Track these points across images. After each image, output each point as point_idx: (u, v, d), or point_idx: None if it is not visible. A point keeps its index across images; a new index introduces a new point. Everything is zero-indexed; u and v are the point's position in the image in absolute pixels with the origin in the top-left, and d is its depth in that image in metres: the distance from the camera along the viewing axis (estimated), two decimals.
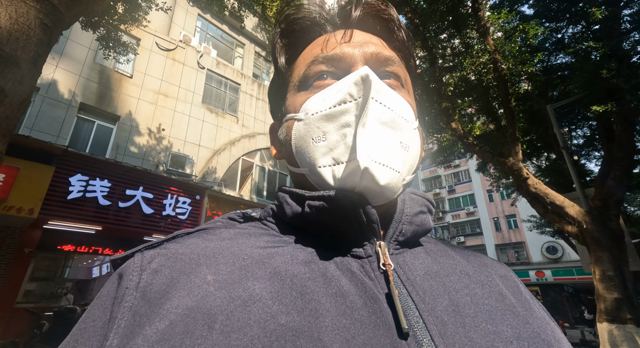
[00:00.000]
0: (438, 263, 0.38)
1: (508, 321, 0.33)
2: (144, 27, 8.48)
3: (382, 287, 0.32)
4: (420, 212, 0.40)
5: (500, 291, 0.37)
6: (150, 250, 0.34)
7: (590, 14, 5.29)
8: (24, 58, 2.00)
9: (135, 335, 0.25)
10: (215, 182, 9.19)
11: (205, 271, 0.30)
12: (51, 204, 5.97)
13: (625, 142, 5.19)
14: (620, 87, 4.91)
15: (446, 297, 0.33)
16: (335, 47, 0.41)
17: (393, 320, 0.29)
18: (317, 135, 0.37)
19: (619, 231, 5.00)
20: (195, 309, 0.26)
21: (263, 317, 0.27)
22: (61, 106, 7.27)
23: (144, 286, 0.29)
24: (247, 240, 0.36)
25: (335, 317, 0.28)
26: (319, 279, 0.31)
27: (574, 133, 10.17)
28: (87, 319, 0.30)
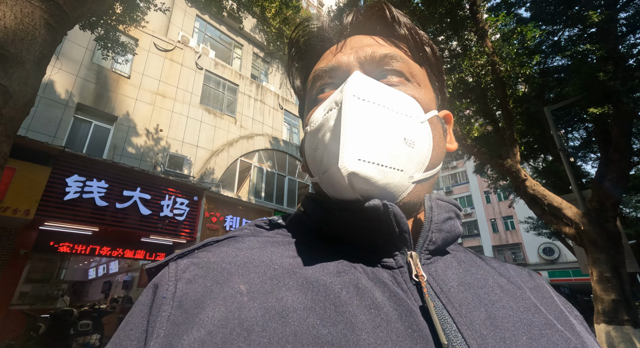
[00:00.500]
0: (470, 273, 0.37)
1: (547, 336, 0.31)
2: (142, 28, 8.45)
3: (415, 299, 0.31)
4: (448, 218, 0.39)
5: (535, 304, 0.35)
6: (184, 259, 0.34)
7: (586, 17, 5.34)
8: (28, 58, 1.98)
9: (175, 344, 0.26)
10: (213, 183, 9.16)
11: (238, 281, 0.30)
12: (47, 205, 5.92)
13: (622, 144, 5.23)
14: (617, 90, 4.95)
15: (483, 310, 0.32)
16: (331, 58, 0.42)
17: (430, 334, 0.28)
18: (315, 145, 0.39)
19: (616, 233, 5.03)
20: (231, 320, 0.27)
21: (299, 329, 0.26)
22: (58, 106, 7.22)
23: (180, 296, 0.29)
24: (277, 249, 0.36)
25: (371, 330, 0.27)
26: (351, 290, 0.31)
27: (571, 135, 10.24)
28: (126, 328, 0.30)
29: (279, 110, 12.87)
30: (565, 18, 6.58)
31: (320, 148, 0.37)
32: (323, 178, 0.37)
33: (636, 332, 4.45)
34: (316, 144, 0.38)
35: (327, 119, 0.37)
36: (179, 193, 7.81)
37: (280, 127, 12.66)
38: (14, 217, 5.51)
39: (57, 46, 2.38)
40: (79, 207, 6.29)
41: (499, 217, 25.63)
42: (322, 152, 0.37)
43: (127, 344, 0.29)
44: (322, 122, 0.38)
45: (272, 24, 11.58)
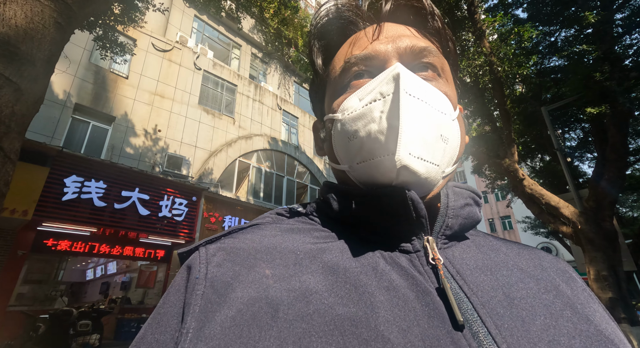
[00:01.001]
0: (488, 257, 0.38)
1: (567, 316, 0.32)
2: (140, 28, 8.45)
3: (432, 281, 0.32)
4: (466, 205, 0.40)
5: (557, 286, 0.36)
6: (212, 244, 0.37)
7: (583, 17, 5.38)
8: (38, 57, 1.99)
9: (209, 319, 0.28)
10: (212, 184, 9.16)
11: (263, 265, 0.33)
12: (46, 206, 5.90)
13: (619, 144, 5.27)
14: (613, 90, 5.00)
15: (500, 291, 0.33)
16: (367, 45, 0.41)
17: (446, 313, 0.29)
18: (351, 134, 0.38)
19: (613, 232, 5.07)
20: (259, 299, 0.29)
21: (321, 307, 0.28)
22: (56, 106, 7.20)
23: (211, 277, 0.32)
24: (298, 236, 0.38)
25: (389, 309, 0.28)
26: (370, 273, 0.32)
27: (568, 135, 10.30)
28: (165, 305, 0.33)
29: (278, 111, 12.88)
30: (562, 19, 6.62)
31: (359, 137, 0.37)
32: (358, 167, 0.38)
33: (633, 330, 4.48)
34: (353, 133, 0.38)
35: (371, 109, 0.36)
36: (178, 194, 7.80)
37: (279, 127, 12.66)
38: (11, 218, 5.48)
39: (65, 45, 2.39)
40: (77, 207, 6.28)
41: (497, 216, 25.71)
42: (364, 141, 0.36)
43: (167, 319, 0.31)
44: (363, 112, 0.37)
45: (270, 25, 11.58)
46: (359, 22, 0.44)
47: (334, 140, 0.42)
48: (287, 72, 14.38)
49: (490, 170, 9.34)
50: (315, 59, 0.48)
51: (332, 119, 0.42)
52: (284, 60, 13.98)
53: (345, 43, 0.45)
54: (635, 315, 4.77)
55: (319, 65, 0.47)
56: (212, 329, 0.27)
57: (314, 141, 0.52)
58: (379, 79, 0.37)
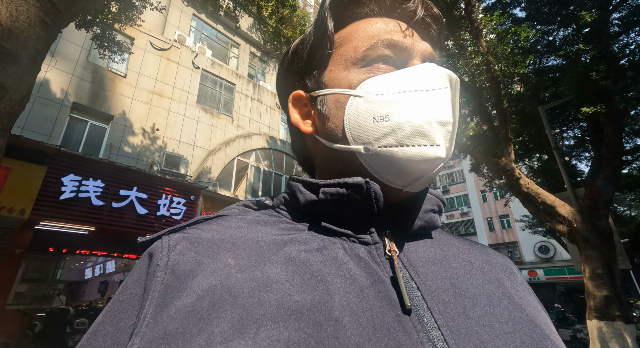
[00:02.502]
0: (441, 251, 0.40)
1: (504, 305, 0.35)
2: (138, 27, 8.44)
3: (387, 271, 0.34)
4: (431, 210, 0.42)
5: (498, 279, 0.39)
6: (175, 233, 0.37)
7: (580, 17, 5.39)
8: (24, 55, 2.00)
9: (168, 304, 0.29)
10: (210, 183, 9.16)
11: (226, 255, 0.33)
12: (43, 204, 5.89)
13: (614, 143, 5.29)
14: (609, 89, 5.02)
15: (447, 281, 0.35)
16: (397, 36, 0.41)
17: (397, 299, 0.31)
18: (381, 115, 0.37)
19: (608, 230, 5.10)
20: (220, 287, 0.29)
21: (281, 295, 0.29)
22: (53, 105, 7.19)
23: (172, 264, 0.32)
24: (263, 228, 0.38)
25: (345, 295, 0.30)
26: (329, 263, 0.33)
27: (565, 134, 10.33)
28: (125, 292, 0.33)
29: (276, 110, 12.88)
30: (559, 18, 6.63)
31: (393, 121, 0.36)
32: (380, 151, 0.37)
33: (627, 328, 4.51)
34: (383, 115, 0.37)
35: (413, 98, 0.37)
36: (176, 193, 7.80)
37: (278, 126, 12.67)
38: (9, 217, 5.48)
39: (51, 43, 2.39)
40: (75, 206, 6.28)
41: (495, 215, 25.78)
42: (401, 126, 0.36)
43: (126, 306, 0.32)
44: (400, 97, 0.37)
45: (268, 23, 11.57)
46: (374, 8, 0.44)
47: (347, 117, 0.39)
48: None
49: (488, 169, 9.37)
50: (328, 22, 0.44)
51: (347, 93, 0.40)
52: None
53: (362, 22, 0.44)
54: (630, 313, 4.80)
55: (330, 30, 0.44)
56: (170, 314, 0.28)
57: (294, 113, 0.46)
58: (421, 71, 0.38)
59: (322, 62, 0.44)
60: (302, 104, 0.46)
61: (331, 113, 0.41)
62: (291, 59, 0.49)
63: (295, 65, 0.48)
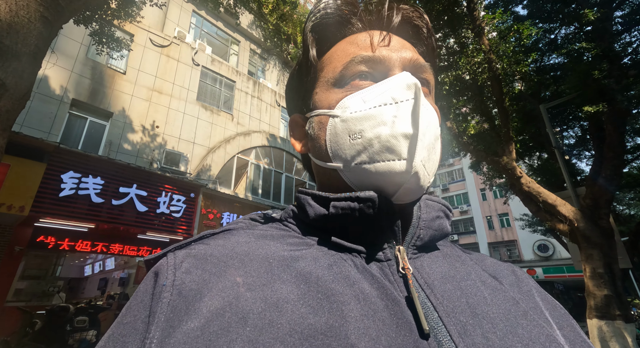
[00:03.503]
0: (454, 268, 0.39)
1: (523, 325, 0.33)
2: (138, 23, 8.36)
3: (401, 290, 0.33)
4: (437, 217, 0.41)
5: (513, 296, 0.37)
6: (181, 250, 0.36)
7: (582, 15, 5.36)
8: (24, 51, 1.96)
9: (175, 328, 0.27)
10: (210, 180, 9.14)
11: (234, 273, 0.32)
12: (43, 202, 5.88)
13: (616, 142, 5.28)
14: (612, 88, 4.99)
15: (463, 300, 0.34)
16: (374, 49, 0.41)
17: (414, 322, 0.30)
18: (354, 133, 0.38)
19: (609, 229, 5.09)
20: (229, 309, 0.28)
21: (292, 317, 0.28)
22: (53, 102, 7.15)
23: (179, 284, 0.31)
24: (272, 243, 0.37)
25: (359, 318, 0.29)
26: (342, 282, 0.32)
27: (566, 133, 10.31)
28: (129, 314, 0.32)
29: (276, 107, 12.84)
30: (561, 16, 6.60)
31: (365, 138, 0.37)
32: (357, 168, 0.37)
33: (627, 327, 4.52)
34: (357, 132, 0.37)
35: (381, 112, 0.37)
36: (176, 190, 7.79)
37: (278, 124, 12.63)
38: (8, 214, 5.47)
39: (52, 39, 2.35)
40: (74, 203, 6.26)
41: (495, 214, 25.80)
42: (371, 143, 0.36)
43: (130, 329, 0.30)
44: (371, 113, 0.37)
45: (269, 21, 11.51)
46: (357, 24, 0.45)
47: (328, 137, 0.41)
48: (286, 69, 14.32)
49: (488, 168, 9.36)
50: (311, 49, 0.46)
51: (327, 114, 0.41)
52: (283, 57, 13.91)
53: (344, 41, 0.44)
54: (630, 312, 4.80)
55: (312, 56, 0.46)
56: (178, 339, 0.26)
57: (291, 135, 0.50)
58: (391, 84, 0.38)
59: (310, 85, 0.47)
60: (299, 126, 0.49)
61: (316, 133, 0.43)
62: (289, 83, 0.53)
63: (292, 89, 0.52)
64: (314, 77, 0.46)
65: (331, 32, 0.46)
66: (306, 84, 0.47)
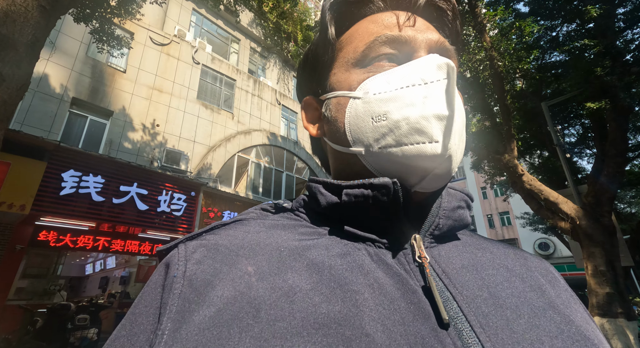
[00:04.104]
0: (475, 256, 0.38)
1: (550, 316, 0.32)
2: (138, 21, 8.34)
3: (418, 280, 0.32)
4: (458, 207, 0.40)
5: (540, 286, 0.36)
6: (192, 241, 0.35)
7: (585, 12, 5.33)
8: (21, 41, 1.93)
9: (187, 320, 0.27)
10: (211, 179, 9.13)
11: (245, 263, 0.31)
12: (43, 200, 5.87)
13: (618, 140, 5.26)
14: (614, 85, 4.97)
15: (485, 290, 0.32)
16: (397, 29, 0.39)
17: (432, 311, 0.29)
18: (378, 115, 0.36)
19: (611, 227, 5.08)
20: (240, 299, 0.28)
21: (305, 306, 0.27)
22: (53, 101, 7.14)
23: (190, 275, 0.30)
24: (283, 232, 0.36)
25: (374, 307, 0.28)
26: (355, 271, 0.31)
27: (567, 131, 10.29)
28: (140, 305, 0.32)
29: (277, 106, 12.82)
30: (563, 13, 6.56)
31: (391, 120, 0.35)
32: (382, 151, 0.35)
33: (629, 325, 4.51)
34: (381, 114, 0.35)
35: (409, 93, 0.35)
36: (176, 189, 7.78)
37: (278, 122, 12.61)
38: (9, 212, 5.46)
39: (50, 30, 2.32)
40: (75, 202, 6.26)
41: (496, 212, 25.79)
42: (398, 125, 0.34)
43: (141, 321, 0.30)
44: (397, 94, 0.35)
45: (269, 19, 11.48)
46: (379, 3, 0.42)
47: (347, 120, 0.38)
48: (286, 67, 14.29)
49: (489, 166, 9.34)
50: (329, 27, 0.44)
51: (347, 96, 0.39)
52: (283, 55, 13.88)
53: (366, 20, 0.42)
54: (632, 310, 4.79)
55: (331, 34, 0.43)
56: (189, 330, 0.26)
57: (305, 118, 0.47)
58: (419, 64, 0.36)
59: (327, 66, 0.44)
60: (313, 109, 0.47)
61: (334, 116, 0.41)
62: (303, 64, 0.50)
63: (307, 70, 0.49)
64: (331, 57, 0.44)
65: (351, 11, 0.43)
66: (323, 65, 0.45)
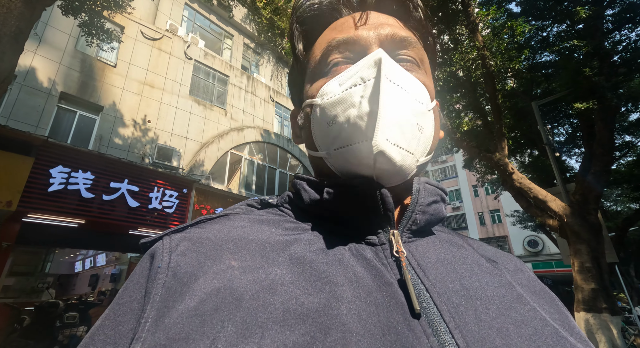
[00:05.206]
0: (450, 251, 0.39)
1: (516, 309, 0.33)
2: (128, 14, 8.18)
3: (394, 273, 0.34)
4: (433, 202, 0.41)
5: (509, 282, 0.37)
6: (177, 234, 0.37)
7: (574, 12, 5.41)
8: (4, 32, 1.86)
9: (170, 308, 0.28)
10: (203, 176, 9.06)
11: (229, 257, 0.33)
12: (31, 196, 5.76)
13: (605, 139, 5.37)
14: (602, 85, 5.06)
15: (457, 283, 0.34)
16: (350, 31, 0.40)
17: (406, 303, 0.30)
18: (331, 119, 0.38)
19: (598, 224, 5.20)
20: (223, 290, 0.29)
21: (286, 298, 0.28)
22: (40, 95, 6.98)
23: (174, 266, 0.32)
24: (267, 228, 0.38)
25: (352, 299, 0.29)
26: (335, 265, 0.33)
27: (556, 130, 10.47)
28: (125, 295, 0.33)
29: (270, 103, 12.75)
30: (554, 13, 6.65)
31: (338, 123, 0.37)
32: (336, 153, 0.38)
33: (613, 319, 4.64)
34: (332, 118, 0.37)
35: (351, 94, 0.36)
36: (168, 186, 7.70)
37: (272, 119, 12.55)
38: None
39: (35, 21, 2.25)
40: (64, 198, 6.14)
41: (487, 210, 26.15)
42: (342, 127, 0.36)
43: (125, 310, 0.31)
44: (343, 96, 0.37)
45: (263, 14, 11.38)
46: (341, 9, 0.44)
47: (312, 126, 0.41)
48: (280, 64, 14.20)
49: (480, 165, 9.45)
50: (297, 43, 0.47)
51: (311, 104, 0.41)
52: (277, 51, 13.79)
53: (327, 29, 0.44)
54: (616, 305, 4.93)
55: (299, 50, 0.47)
56: (172, 318, 0.27)
57: (292, 129, 0.52)
58: (361, 64, 0.37)
59: (302, 78, 0.47)
60: (294, 118, 0.50)
61: (305, 124, 0.44)
62: (288, 78, 0.54)
63: (290, 84, 0.53)
64: (303, 70, 0.47)
65: (317, 22, 0.45)
66: (299, 78, 0.48)
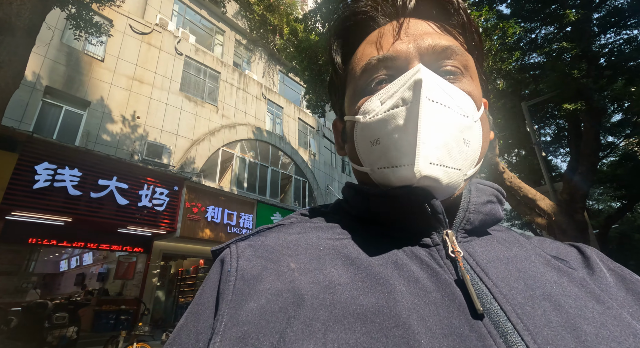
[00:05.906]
0: (510, 250, 0.38)
1: (590, 306, 0.31)
2: (117, 7, 7.98)
3: (452, 273, 0.33)
4: (488, 202, 0.40)
5: (581, 277, 0.35)
6: (242, 242, 0.40)
7: (563, 15, 5.54)
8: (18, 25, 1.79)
9: (240, 308, 0.30)
10: (194, 173, 8.94)
11: (288, 260, 0.35)
12: (15, 194, 5.57)
13: (592, 139, 5.53)
14: (589, 87, 5.21)
15: (521, 282, 0.32)
16: (388, 45, 0.39)
17: (466, 303, 0.30)
18: (374, 139, 0.39)
19: (584, 223, 5.37)
20: (285, 290, 0.31)
21: (344, 298, 0.30)
22: (24, 89, 6.74)
23: (241, 270, 0.35)
24: (321, 233, 0.40)
25: (410, 299, 0.30)
26: (390, 266, 0.33)
27: (543, 130, 10.73)
28: (202, 296, 0.36)
29: (262, 100, 12.65)
30: (542, 16, 6.80)
31: (382, 143, 0.37)
32: (380, 171, 0.39)
33: None
34: (376, 138, 0.38)
35: (394, 116, 0.36)
36: (159, 183, 7.56)
37: (263, 116, 12.46)
38: None
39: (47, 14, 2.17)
40: (49, 196, 5.97)
41: None
42: (386, 148, 0.37)
43: (204, 309, 0.34)
44: (385, 118, 0.37)
45: (255, 11, 11.25)
46: (378, 18, 0.43)
47: (356, 142, 0.42)
48: (272, 61, 14.10)
49: None
50: (335, 57, 0.47)
51: (352, 120, 0.42)
52: (269, 48, 13.67)
53: (365, 41, 0.43)
54: None
55: (338, 63, 0.47)
56: (244, 316, 0.29)
57: (335, 140, 0.52)
58: (400, 83, 0.37)
59: (342, 90, 0.48)
60: (337, 130, 0.51)
61: (349, 138, 0.45)
62: (328, 88, 0.55)
63: (331, 94, 0.54)
64: (343, 82, 0.47)
65: (355, 34, 0.45)
66: (339, 90, 0.49)
